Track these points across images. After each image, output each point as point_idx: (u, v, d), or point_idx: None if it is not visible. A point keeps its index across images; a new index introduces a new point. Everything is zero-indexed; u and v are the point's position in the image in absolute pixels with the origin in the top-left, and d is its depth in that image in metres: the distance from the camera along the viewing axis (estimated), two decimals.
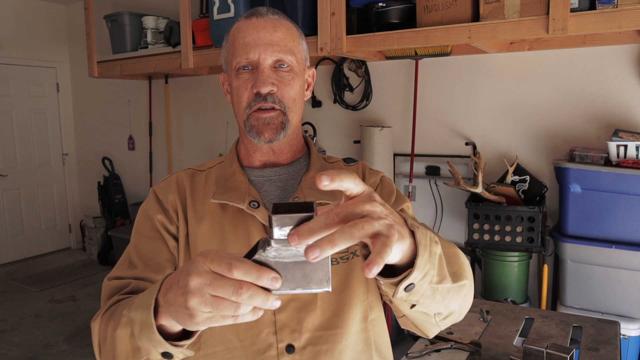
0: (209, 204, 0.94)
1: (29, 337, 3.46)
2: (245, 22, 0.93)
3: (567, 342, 1.52)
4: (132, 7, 4.28)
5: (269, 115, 0.91)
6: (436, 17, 2.46)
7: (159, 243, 0.93)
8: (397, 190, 1.01)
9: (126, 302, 0.77)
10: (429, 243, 0.60)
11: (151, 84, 4.59)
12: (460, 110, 3.01)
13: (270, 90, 0.90)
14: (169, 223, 0.94)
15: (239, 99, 0.93)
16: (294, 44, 0.94)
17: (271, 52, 0.90)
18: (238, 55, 0.91)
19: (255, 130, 0.92)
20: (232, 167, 0.99)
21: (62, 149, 5.53)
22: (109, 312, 0.81)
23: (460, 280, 0.73)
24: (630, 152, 2.23)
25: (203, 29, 3.31)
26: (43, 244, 5.42)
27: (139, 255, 0.92)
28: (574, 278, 2.36)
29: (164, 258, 0.92)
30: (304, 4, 2.80)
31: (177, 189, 0.97)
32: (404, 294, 0.62)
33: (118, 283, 0.89)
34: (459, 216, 3.07)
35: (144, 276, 0.89)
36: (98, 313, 0.85)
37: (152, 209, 0.96)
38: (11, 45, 4.99)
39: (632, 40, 2.44)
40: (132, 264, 0.92)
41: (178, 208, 0.95)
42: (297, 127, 0.98)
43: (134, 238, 0.96)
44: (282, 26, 0.93)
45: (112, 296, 0.87)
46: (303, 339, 0.87)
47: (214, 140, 4.24)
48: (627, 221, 2.22)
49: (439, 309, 0.73)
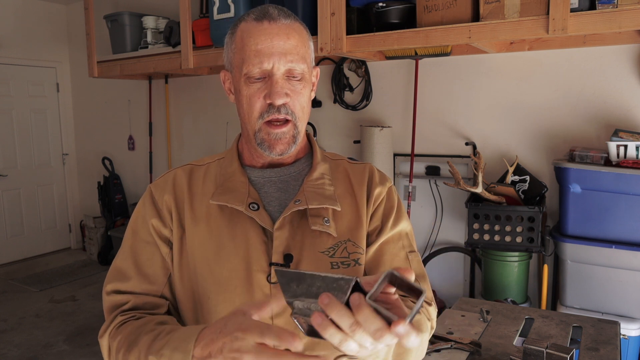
0: (207, 204, 0.92)
1: (29, 337, 3.46)
2: (257, 26, 0.89)
3: (567, 342, 1.52)
4: (132, 7, 4.28)
5: (280, 131, 0.89)
6: (436, 17, 2.46)
7: (154, 248, 0.93)
8: (399, 206, 0.99)
9: (145, 339, 0.79)
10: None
11: (151, 84, 4.59)
12: (460, 110, 3.01)
13: (284, 101, 0.88)
14: (163, 226, 0.93)
15: (250, 108, 0.90)
16: (305, 49, 0.91)
17: (285, 62, 0.87)
18: (250, 63, 0.88)
19: (266, 145, 0.90)
20: (233, 167, 0.96)
21: (62, 149, 5.53)
22: (119, 334, 0.84)
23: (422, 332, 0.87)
24: (630, 152, 2.23)
25: (203, 29, 3.31)
26: (43, 244, 5.42)
27: (135, 260, 0.92)
28: (574, 278, 2.36)
29: (158, 265, 0.92)
30: (304, 4, 2.80)
31: (173, 189, 0.95)
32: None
33: (117, 299, 0.90)
34: (459, 216, 3.07)
35: (140, 291, 0.91)
36: (104, 327, 0.87)
37: (147, 211, 0.95)
38: (11, 45, 4.99)
39: (632, 40, 2.44)
40: (126, 274, 0.92)
41: (172, 209, 0.93)
42: (304, 133, 0.98)
43: (129, 238, 0.95)
44: (294, 32, 0.90)
45: (114, 311, 0.89)
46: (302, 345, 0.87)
47: (214, 140, 4.24)
48: (627, 221, 2.22)
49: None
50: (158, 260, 0.92)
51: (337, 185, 0.96)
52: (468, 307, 1.82)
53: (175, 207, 0.93)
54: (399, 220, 0.97)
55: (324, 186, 0.94)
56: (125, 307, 0.89)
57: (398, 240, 0.95)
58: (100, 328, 0.89)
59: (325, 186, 0.94)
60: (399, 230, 0.96)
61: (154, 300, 0.91)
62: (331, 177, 0.97)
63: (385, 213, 0.96)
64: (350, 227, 0.92)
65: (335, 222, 0.92)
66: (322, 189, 0.93)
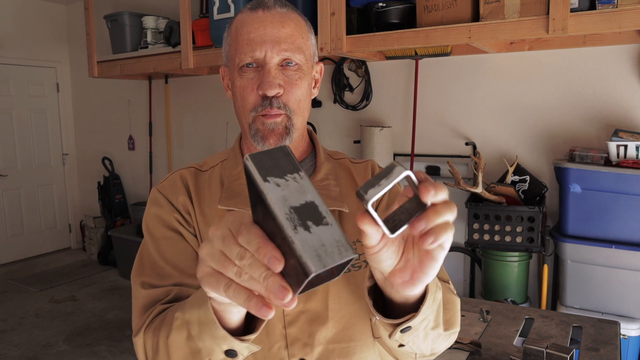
0: (216, 208, 0.88)
1: (29, 337, 3.46)
2: (250, 15, 0.86)
3: (567, 342, 1.52)
4: (132, 7, 4.28)
5: (274, 121, 0.85)
6: (436, 17, 2.46)
7: (180, 242, 0.87)
8: None
9: (176, 306, 0.70)
10: (435, 289, 0.60)
11: (151, 84, 4.59)
12: (460, 110, 3.01)
13: (277, 92, 0.84)
14: (187, 223, 0.88)
15: (243, 100, 0.87)
16: (302, 40, 0.87)
17: (278, 51, 0.83)
18: (242, 52, 0.84)
19: (260, 135, 0.87)
20: (237, 169, 0.93)
21: (62, 149, 5.53)
22: (155, 322, 0.75)
23: (452, 328, 0.73)
24: (630, 152, 2.23)
25: (203, 29, 3.31)
26: (43, 244, 5.42)
27: (165, 259, 0.85)
28: (574, 278, 2.36)
29: (190, 257, 0.85)
30: (304, 4, 2.80)
31: (184, 189, 0.91)
32: (399, 335, 0.61)
33: (157, 292, 0.80)
34: (459, 216, 3.06)
35: (182, 282, 0.82)
36: (139, 327, 0.78)
37: (164, 209, 0.89)
38: (11, 45, 4.99)
39: (632, 40, 2.44)
40: (160, 273, 0.84)
41: (189, 209, 0.89)
42: (302, 129, 0.93)
43: (150, 243, 0.88)
44: (290, 21, 0.86)
45: (151, 307, 0.79)
46: (315, 352, 0.83)
47: (214, 140, 4.24)
48: (627, 221, 2.22)
49: (425, 351, 0.72)
50: (189, 253, 0.86)
51: (342, 185, 0.94)
52: (468, 307, 1.82)
53: (192, 206, 0.90)
54: None
55: (329, 187, 0.91)
56: (167, 299, 0.79)
57: None
58: (133, 327, 0.80)
59: (330, 187, 0.91)
60: None
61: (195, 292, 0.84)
62: (335, 177, 0.94)
63: (390, 202, 0.93)
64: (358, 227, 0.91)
65: (343, 223, 0.89)
66: (327, 190, 0.90)
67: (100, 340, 3.41)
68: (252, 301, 0.48)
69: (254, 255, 0.46)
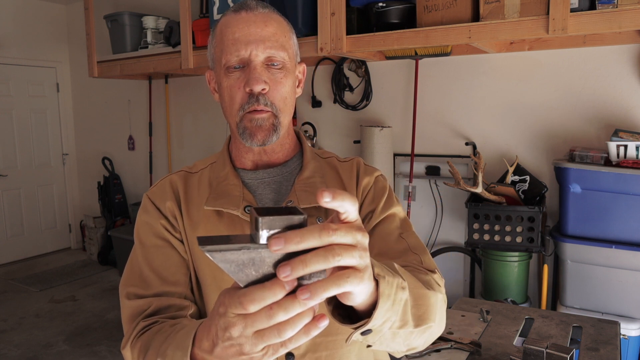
0: (204, 210, 0.91)
1: (29, 337, 3.46)
2: (234, 17, 0.89)
3: (567, 342, 1.52)
4: (132, 7, 4.28)
5: (261, 117, 0.88)
6: (436, 17, 2.46)
7: (167, 250, 0.90)
8: (390, 193, 0.97)
9: (159, 341, 0.74)
10: (393, 292, 0.58)
11: (151, 84, 4.59)
12: (460, 110, 3.01)
13: (263, 88, 0.86)
14: (173, 229, 0.92)
15: (231, 100, 0.89)
16: (285, 39, 0.90)
17: (263, 49, 0.86)
18: (228, 52, 0.87)
19: (248, 133, 0.89)
20: (225, 170, 0.95)
21: (62, 149, 5.53)
22: (139, 341, 0.79)
23: (425, 323, 0.71)
24: (630, 152, 2.23)
25: (203, 29, 3.31)
26: (43, 244, 5.42)
27: (151, 267, 0.89)
28: (574, 278, 2.36)
29: (176, 265, 0.89)
30: (304, 3, 2.80)
31: (172, 195, 0.94)
32: (359, 337, 0.60)
33: (139, 303, 0.85)
34: (459, 216, 3.07)
35: (162, 290, 0.87)
36: (126, 338, 0.82)
37: (152, 216, 0.93)
38: (11, 45, 4.99)
39: (632, 40, 2.44)
40: (146, 280, 0.88)
41: (176, 214, 0.93)
42: (288, 127, 0.95)
43: (139, 250, 0.92)
44: (273, 20, 0.89)
45: (135, 319, 0.84)
46: (302, 346, 0.84)
47: (214, 140, 4.24)
48: (627, 221, 2.22)
49: (398, 348, 0.71)
50: (175, 261, 0.90)
51: (329, 183, 0.96)
52: (468, 307, 1.82)
53: (178, 211, 0.93)
54: (390, 204, 0.94)
55: (315, 184, 0.93)
56: (148, 312, 0.84)
57: (390, 222, 0.92)
58: (122, 339, 0.85)
59: (317, 184, 0.93)
60: (390, 213, 0.93)
61: (178, 301, 0.87)
62: (322, 175, 0.96)
63: (375, 199, 0.94)
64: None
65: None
66: (313, 187, 0.92)
67: (100, 340, 3.41)
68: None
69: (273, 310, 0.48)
